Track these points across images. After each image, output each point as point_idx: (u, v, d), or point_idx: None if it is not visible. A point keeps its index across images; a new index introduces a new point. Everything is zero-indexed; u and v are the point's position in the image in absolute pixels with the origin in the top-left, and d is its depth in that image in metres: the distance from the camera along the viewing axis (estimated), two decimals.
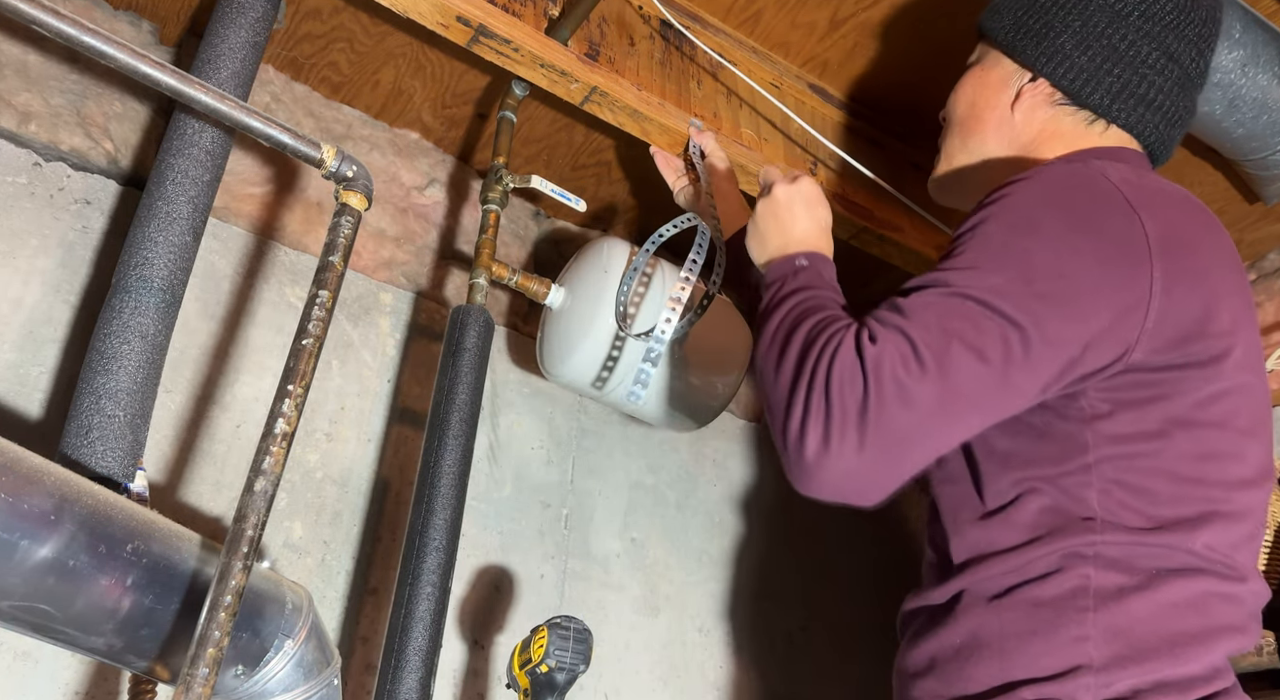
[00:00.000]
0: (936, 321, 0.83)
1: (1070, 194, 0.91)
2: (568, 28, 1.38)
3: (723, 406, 1.46)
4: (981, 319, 0.83)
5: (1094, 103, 1.06)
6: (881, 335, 0.84)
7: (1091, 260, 0.86)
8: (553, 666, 1.11)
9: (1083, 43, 1.06)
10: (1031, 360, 0.83)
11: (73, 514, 0.85)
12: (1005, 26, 1.12)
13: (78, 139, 1.44)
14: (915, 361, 0.81)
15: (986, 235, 0.90)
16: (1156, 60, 1.05)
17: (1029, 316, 0.83)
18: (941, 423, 0.82)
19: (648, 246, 1.32)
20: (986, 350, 0.82)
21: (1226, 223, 1.85)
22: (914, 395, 0.80)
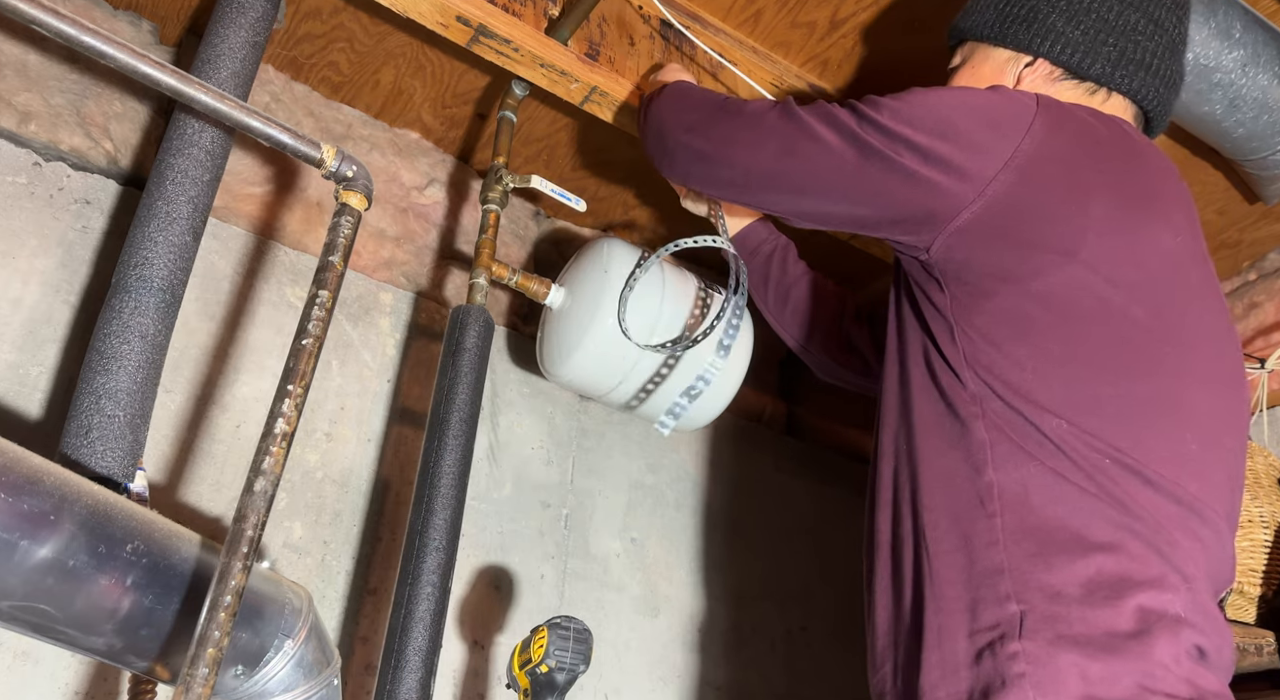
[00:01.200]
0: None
1: (965, 95, 1.01)
2: (568, 27, 1.38)
3: (723, 406, 1.46)
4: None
5: (1095, 73, 1.08)
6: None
7: (949, 137, 0.96)
8: (553, 666, 1.11)
9: (1074, 18, 1.09)
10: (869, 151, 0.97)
11: (72, 514, 0.85)
12: (989, 20, 1.14)
13: (78, 139, 1.44)
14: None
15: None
16: (1145, 27, 1.09)
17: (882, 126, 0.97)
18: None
19: (660, 253, 1.31)
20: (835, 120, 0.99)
21: (1226, 222, 1.85)
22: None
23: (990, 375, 0.92)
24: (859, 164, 0.99)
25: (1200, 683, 0.79)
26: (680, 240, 1.29)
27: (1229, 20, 1.39)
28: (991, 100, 1.00)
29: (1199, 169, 1.73)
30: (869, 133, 0.99)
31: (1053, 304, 0.91)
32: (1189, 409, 0.91)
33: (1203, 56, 1.39)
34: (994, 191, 0.94)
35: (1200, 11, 1.37)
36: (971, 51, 1.18)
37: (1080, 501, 0.85)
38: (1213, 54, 1.39)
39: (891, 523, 0.97)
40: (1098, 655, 0.77)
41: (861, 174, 0.99)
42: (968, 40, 1.19)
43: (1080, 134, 0.99)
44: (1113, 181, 0.97)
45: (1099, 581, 0.81)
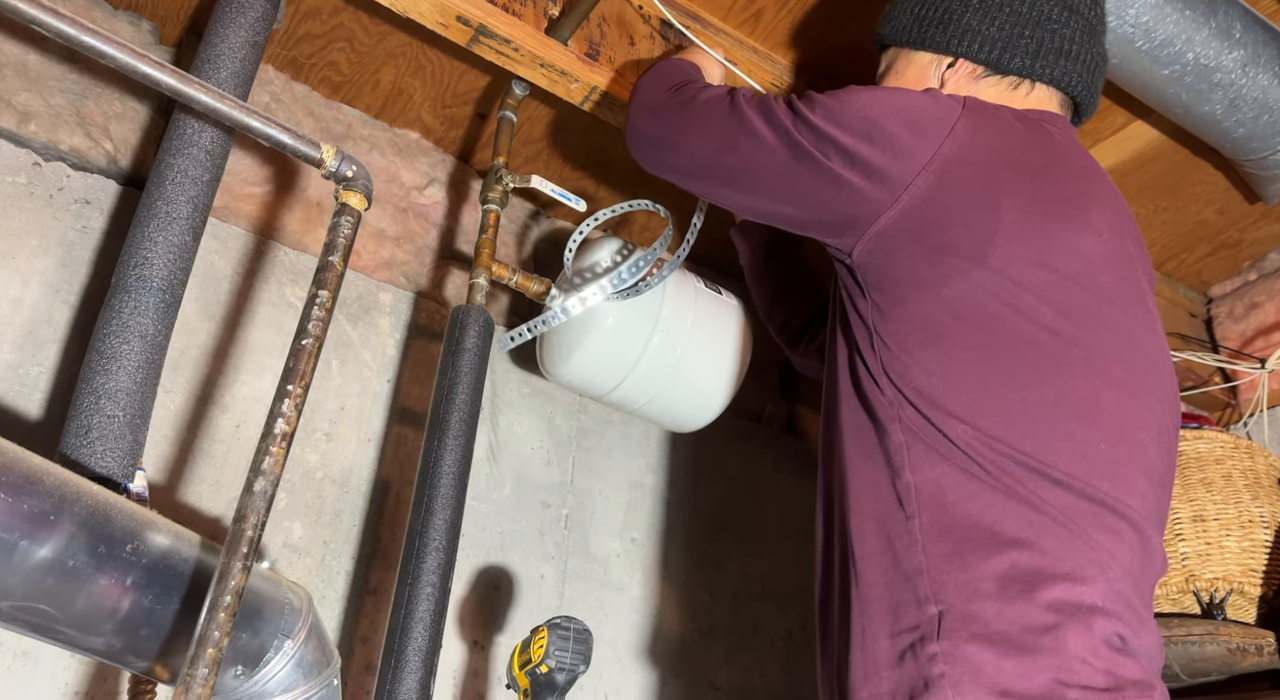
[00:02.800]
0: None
1: (888, 97, 1.02)
2: (568, 27, 1.38)
3: (723, 406, 1.46)
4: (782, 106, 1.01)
5: (1016, 67, 1.10)
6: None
7: (869, 140, 0.97)
8: (553, 667, 1.11)
9: (988, 15, 1.10)
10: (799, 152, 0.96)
11: (72, 514, 0.85)
12: (905, 26, 1.15)
13: (77, 139, 1.44)
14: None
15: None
16: (1060, 14, 1.10)
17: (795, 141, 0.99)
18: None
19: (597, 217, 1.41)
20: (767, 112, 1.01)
21: (1227, 222, 1.85)
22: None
23: (903, 381, 0.92)
24: (790, 163, 1.00)
25: (1120, 672, 0.79)
26: (616, 206, 1.39)
27: (1229, 20, 1.39)
28: (918, 103, 1.01)
29: (1199, 169, 1.73)
30: (802, 132, 1.00)
31: (961, 310, 0.92)
32: (1097, 409, 0.90)
33: (1203, 56, 1.39)
34: (911, 196, 0.95)
35: (1201, 11, 1.37)
36: (894, 57, 1.18)
37: (992, 499, 0.85)
38: (1213, 54, 1.39)
39: (825, 527, 0.98)
40: (1013, 652, 0.78)
41: (791, 173, 1.01)
42: (890, 46, 1.19)
43: (1000, 138, 0.99)
44: (1027, 185, 0.97)
45: (1012, 576, 0.81)
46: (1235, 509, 1.52)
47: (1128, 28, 1.35)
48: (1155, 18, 1.34)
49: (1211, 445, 1.57)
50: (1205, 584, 1.50)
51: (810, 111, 1.01)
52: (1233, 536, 1.51)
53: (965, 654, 0.79)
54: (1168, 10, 1.34)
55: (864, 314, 0.98)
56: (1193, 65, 1.39)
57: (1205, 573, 1.51)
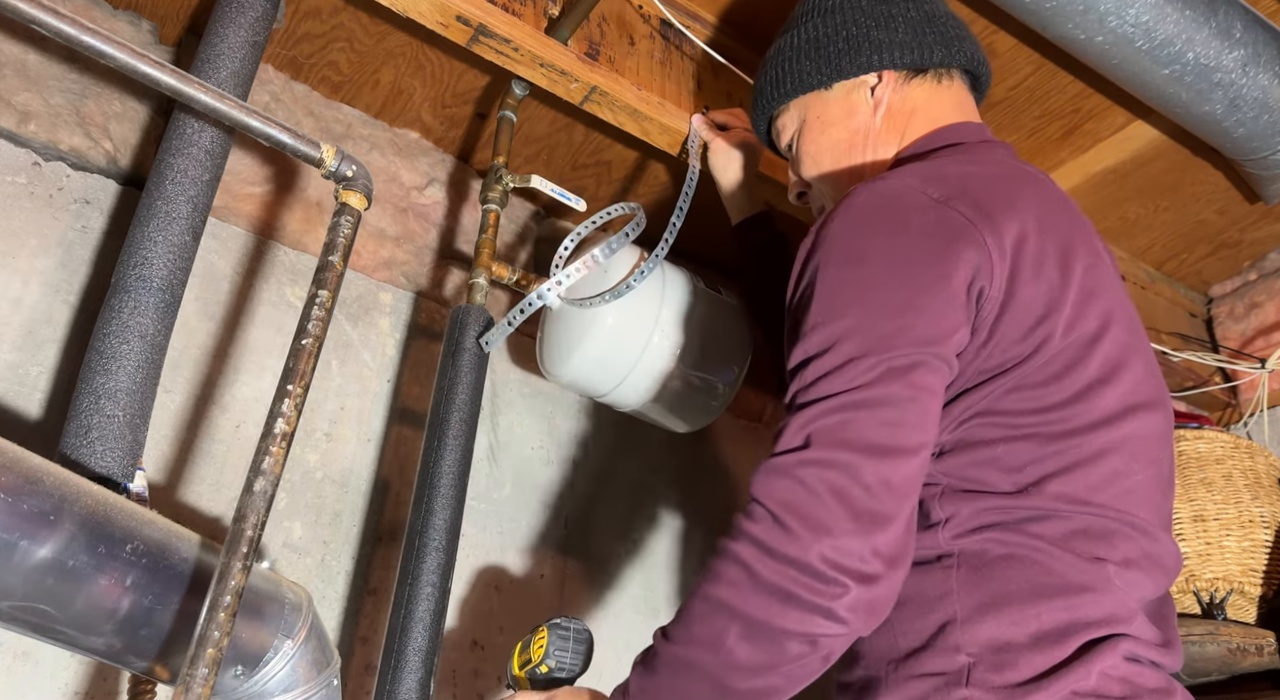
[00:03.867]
0: (822, 414, 0.82)
1: (883, 213, 0.92)
2: (568, 27, 1.38)
3: (723, 407, 1.46)
4: (859, 371, 0.83)
5: (936, 60, 1.12)
6: (766, 474, 0.83)
7: (923, 259, 0.88)
8: (553, 667, 1.08)
9: (888, 26, 1.13)
10: (925, 380, 0.84)
11: (72, 514, 0.85)
12: (808, 70, 1.15)
13: (77, 138, 1.44)
14: (842, 472, 0.79)
15: (819, 288, 0.90)
16: (934, 8, 1.16)
17: (904, 352, 0.83)
18: (899, 496, 0.80)
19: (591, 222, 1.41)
20: (875, 388, 0.82)
21: (1227, 222, 1.85)
22: (869, 508, 0.78)
23: (961, 459, 0.90)
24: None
25: (1138, 680, 0.81)
26: (595, 217, 1.38)
27: (1229, 20, 1.39)
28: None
29: (1199, 169, 1.73)
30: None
31: (1025, 386, 0.90)
32: (1134, 440, 0.91)
33: (1203, 56, 1.39)
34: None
35: (1201, 11, 1.37)
36: (805, 108, 1.17)
37: (1039, 550, 0.85)
38: (1213, 54, 1.39)
39: None
40: (1038, 688, 0.79)
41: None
42: (789, 103, 1.18)
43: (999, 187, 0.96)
44: (1057, 226, 0.96)
45: (1047, 631, 0.82)
46: (1235, 509, 1.53)
47: (1128, 28, 1.35)
48: (1155, 17, 1.34)
49: (1211, 445, 1.58)
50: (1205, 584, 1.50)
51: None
52: (1233, 536, 1.51)
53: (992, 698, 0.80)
54: (1168, 10, 1.34)
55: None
56: (1193, 65, 1.39)
57: (1205, 573, 1.51)
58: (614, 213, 1.41)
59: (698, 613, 0.82)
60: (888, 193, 0.93)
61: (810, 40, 1.16)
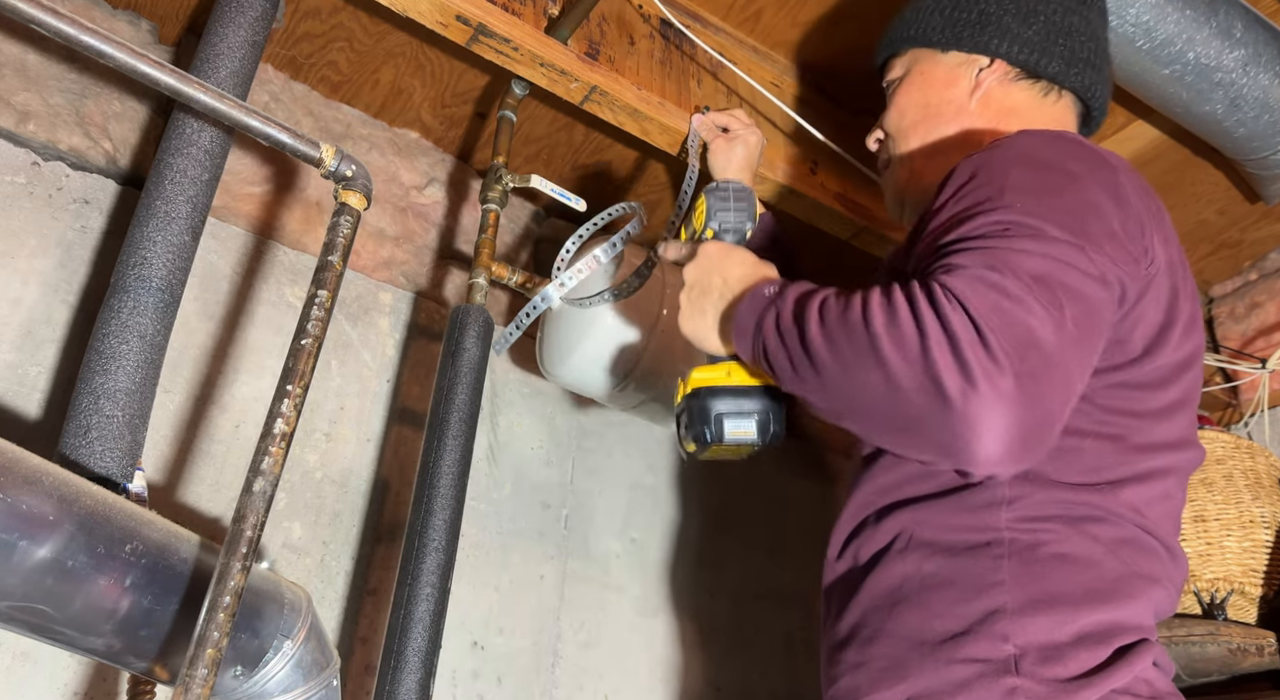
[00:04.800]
0: (1022, 255, 0.78)
1: (1069, 147, 0.92)
2: (567, 27, 1.37)
3: None
4: (1063, 247, 0.80)
5: (1051, 72, 1.10)
6: (977, 280, 0.77)
7: (1107, 195, 0.87)
8: (718, 229, 1.04)
9: (1025, 19, 1.11)
10: (1114, 279, 0.84)
11: (71, 514, 0.85)
12: (936, 26, 1.15)
13: (76, 138, 1.44)
14: (1018, 302, 0.75)
15: (1012, 182, 0.86)
16: (1083, 28, 1.12)
17: (1093, 238, 0.82)
18: (1069, 351, 0.76)
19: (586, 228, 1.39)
20: (1083, 268, 0.80)
21: (1227, 222, 1.85)
22: (1033, 330, 0.74)
23: None
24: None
25: (1157, 685, 0.85)
26: (596, 218, 1.36)
27: (1229, 20, 1.39)
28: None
29: (1200, 169, 1.73)
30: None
31: (1130, 385, 0.92)
32: (1181, 470, 0.95)
33: (1204, 56, 1.39)
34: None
35: (1201, 11, 1.37)
36: (916, 60, 1.18)
37: (1091, 555, 0.87)
38: (1213, 54, 1.39)
39: (875, 541, 0.96)
40: (1085, 687, 0.81)
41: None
42: (909, 49, 1.19)
43: (1146, 190, 0.97)
44: (1174, 240, 0.99)
45: (1089, 632, 0.84)
46: (1236, 509, 1.52)
47: (1128, 27, 1.35)
48: (1156, 17, 1.34)
49: (1212, 445, 1.57)
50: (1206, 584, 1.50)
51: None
52: (1233, 537, 1.51)
53: (1043, 692, 0.81)
54: (1168, 10, 1.34)
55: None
56: (1193, 65, 1.39)
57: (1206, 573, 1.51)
58: (615, 213, 1.41)
59: (854, 340, 0.78)
60: (1057, 136, 0.93)
61: (954, 2, 1.15)
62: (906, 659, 0.87)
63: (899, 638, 0.89)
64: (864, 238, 1.68)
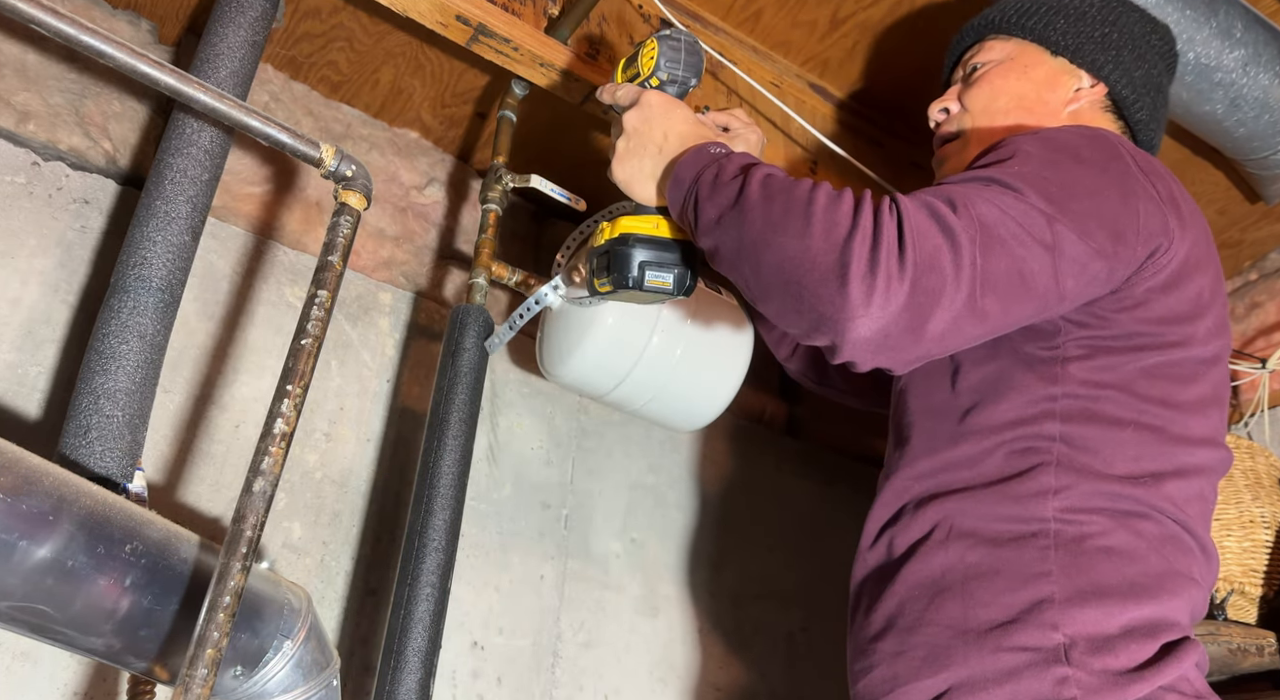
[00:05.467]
0: (994, 207, 0.84)
1: (1097, 145, 0.96)
2: (567, 27, 1.37)
3: (723, 407, 1.45)
4: (1026, 208, 0.85)
5: (1137, 118, 1.13)
6: (925, 205, 0.83)
7: (1126, 197, 0.91)
8: (664, 80, 1.07)
9: (1139, 60, 1.13)
10: (1072, 256, 0.86)
11: (71, 514, 0.85)
12: (1060, 28, 1.15)
13: (76, 138, 1.44)
14: (948, 234, 0.81)
15: (1023, 151, 0.91)
16: (1167, 94, 1.17)
17: (1070, 215, 0.86)
18: (972, 293, 0.81)
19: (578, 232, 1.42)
20: (1032, 233, 0.84)
21: (1227, 222, 1.85)
22: (944, 259, 0.80)
23: (1084, 428, 0.93)
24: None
25: (1197, 684, 0.86)
26: (596, 216, 1.39)
27: (1230, 20, 1.39)
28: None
29: (1200, 169, 1.73)
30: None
31: (1157, 378, 0.94)
32: (1217, 468, 0.98)
33: (1203, 56, 1.39)
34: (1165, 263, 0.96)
35: (1201, 11, 1.37)
36: (1022, 51, 1.17)
37: (1136, 550, 0.89)
38: (1214, 53, 1.39)
39: (913, 531, 0.97)
40: (1136, 680, 0.83)
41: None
42: (1016, 38, 1.18)
43: (1187, 201, 1.01)
44: (1210, 252, 1.02)
45: (1136, 626, 0.85)
46: (1236, 509, 1.52)
47: None
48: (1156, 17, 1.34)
49: None
50: None
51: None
52: (1233, 537, 1.51)
53: (1095, 683, 0.83)
54: (1168, 10, 1.34)
55: (1050, 357, 0.96)
56: (1193, 65, 1.39)
57: None
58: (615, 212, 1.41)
59: (787, 206, 0.85)
60: (1098, 132, 0.97)
61: (1080, 10, 1.15)
62: (950, 647, 0.88)
63: (941, 627, 0.89)
64: None
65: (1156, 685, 0.82)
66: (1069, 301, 0.89)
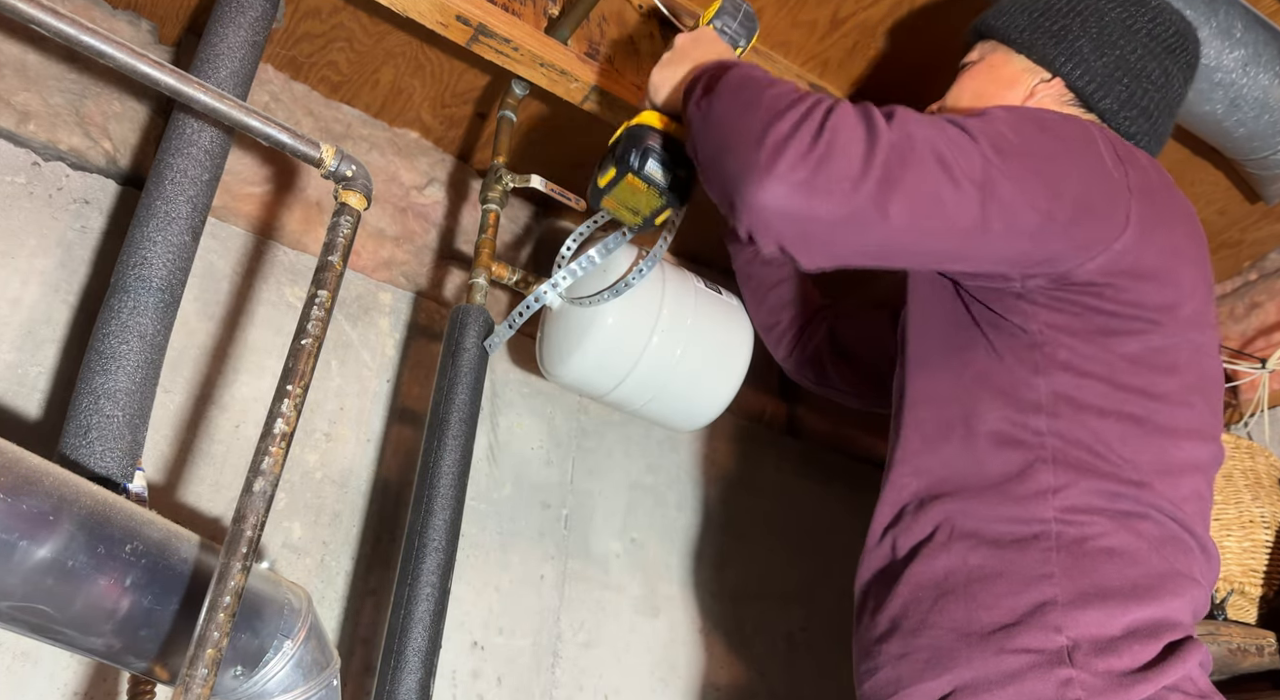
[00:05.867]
0: (933, 131, 0.88)
1: (1069, 124, 0.98)
2: (567, 27, 1.37)
3: (723, 407, 1.45)
4: (971, 147, 0.88)
5: (1102, 107, 1.10)
6: (862, 109, 0.89)
7: (1080, 171, 0.93)
8: (718, 28, 1.18)
9: (1099, 49, 1.10)
10: (1005, 201, 0.88)
11: (71, 514, 0.85)
12: (1020, 26, 1.15)
13: (76, 138, 1.44)
14: (874, 139, 0.85)
15: (993, 113, 0.96)
16: (1158, 78, 1.11)
17: (1016, 166, 0.89)
18: (873, 196, 0.84)
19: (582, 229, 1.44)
20: (963, 166, 0.87)
21: (1227, 222, 1.85)
22: (855, 156, 0.84)
23: (1067, 426, 0.93)
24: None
25: (1201, 684, 0.87)
26: (595, 217, 1.41)
27: (1230, 20, 1.39)
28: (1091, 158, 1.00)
29: (1200, 169, 1.73)
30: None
31: (1141, 367, 0.95)
32: (1205, 463, 0.98)
33: (1204, 56, 1.39)
34: (1124, 241, 0.96)
35: (1201, 11, 1.37)
36: (992, 50, 1.18)
37: (1136, 550, 0.89)
38: (1214, 53, 1.39)
39: (916, 534, 0.97)
40: (1141, 681, 0.83)
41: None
42: (991, 39, 1.19)
43: (1151, 171, 1.01)
44: (1193, 245, 1.01)
45: (1138, 627, 0.86)
46: (1236, 509, 1.52)
47: None
48: None
49: None
50: None
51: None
52: (1233, 537, 1.51)
53: (1099, 685, 0.83)
54: None
55: (1030, 347, 0.97)
56: None
57: None
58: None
59: (751, 97, 0.94)
60: (1082, 124, 1.00)
61: (1044, 6, 1.15)
62: (953, 650, 0.88)
63: (944, 629, 0.90)
64: None
65: (1160, 685, 0.83)
66: (997, 248, 0.91)
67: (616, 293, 1.31)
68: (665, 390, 1.40)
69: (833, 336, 1.41)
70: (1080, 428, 0.92)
